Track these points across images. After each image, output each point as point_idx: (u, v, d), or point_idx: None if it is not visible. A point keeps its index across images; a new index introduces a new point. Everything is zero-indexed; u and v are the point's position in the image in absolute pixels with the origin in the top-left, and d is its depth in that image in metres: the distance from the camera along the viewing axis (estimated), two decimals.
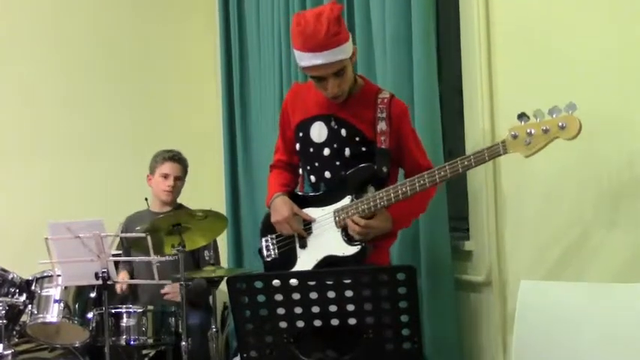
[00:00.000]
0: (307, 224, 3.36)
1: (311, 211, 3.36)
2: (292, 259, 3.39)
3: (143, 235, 3.89)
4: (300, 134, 3.43)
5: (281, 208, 3.39)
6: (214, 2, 6.07)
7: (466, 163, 2.90)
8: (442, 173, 2.97)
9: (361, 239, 3.18)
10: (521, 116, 2.76)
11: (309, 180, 3.47)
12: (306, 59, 3.14)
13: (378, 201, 3.13)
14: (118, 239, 4.31)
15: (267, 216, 3.52)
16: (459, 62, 3.66)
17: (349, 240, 3.23)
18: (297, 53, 3.18)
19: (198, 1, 6.26)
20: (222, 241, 5.48)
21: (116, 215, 4.80)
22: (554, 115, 2.69)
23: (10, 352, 4.05)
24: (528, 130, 2.74)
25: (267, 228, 3.50)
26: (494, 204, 3.43)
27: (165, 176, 4.99)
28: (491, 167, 3.42)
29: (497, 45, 3.40)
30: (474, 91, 3.50)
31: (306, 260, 3.34)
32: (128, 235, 4.24)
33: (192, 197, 5.14)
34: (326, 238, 3.29)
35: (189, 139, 5.97)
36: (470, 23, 3.53)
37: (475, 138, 3.50)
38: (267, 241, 3.50)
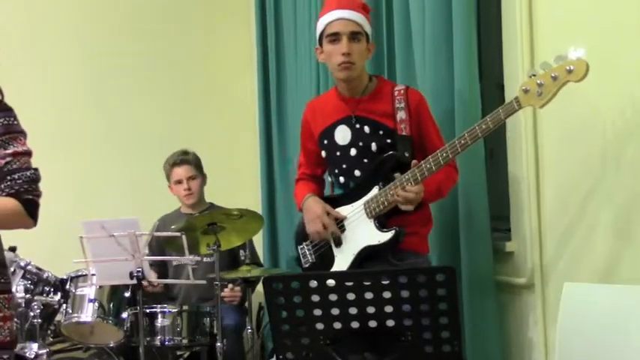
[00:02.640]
0: (339, 222, 3.41)
1: (341, 210, 3.42)
2: (330, 259, 3.44)
3: (178, 234, 3.86)
4: (325, 142, 3.52)
5: (314, 206, 3.48)
6: None
7: (484, 126, 2.96)
8: (462, 142, 3.02)
9: (409, 209, 3.19)
10: (531, 73, 2.83)
11: (338, 181, 3.54)
12: (329, 17, 3.37)
13: (404, 182, 3.16)
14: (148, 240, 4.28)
15: (300, 224, 3.61)
16: (500, 58, 3.59)
17: (382, 227, 3.29)
18: (320, 21, 3.42)
19: None
20: (258, 241, 5.46)
21: (150, 214, 4.78)
22: (560, 62, 2.73)
23: (44, 351, 4.04)
24: (538, 82, 2.79)
25: (302, 236, 3.58)
26: (536, 203, 3.37)
27: (179, 182, 4.95)
28: (533, 165, 3.36)
29: (540, 41, 3.33)
30: (516, 86, 3.40)
31: (343, 257, 3.39)
32: (164, 233, 4.22)
33: (228, 196, 5.12)
34: (359, 231, 3.35)
35: (224, 137, 5.96)
36: (512, 18, 3.46)
37: (517, 136, 3.42)
38: (302, 248, 3.59)
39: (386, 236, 3.27)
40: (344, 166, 3.46)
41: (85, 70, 5.75)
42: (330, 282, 2.51)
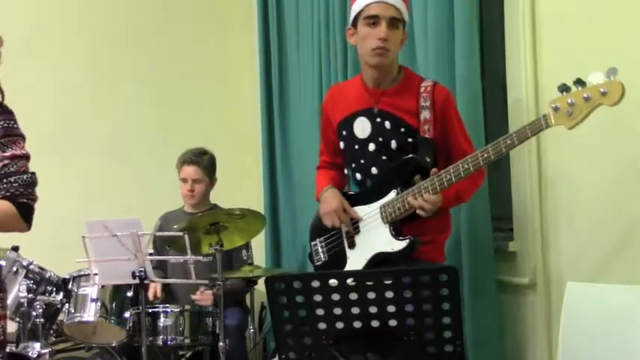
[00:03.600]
0: (355, 223, 3.34)
1: (357, 210, 3.34)
2: (342, 260, 3.38)
3: (180, 234, 3.86)
4: (344, 132, 3.42)
5: (331, 199, 3.38)
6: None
7: (509, 141, 2.85)
8: (485, 155, 2.92)
9: (428, 215, 3.10)
10: (563, 87, 2.70)
11: (355, 178, 3.45)
12: None
13: (422, 190, 3.08)
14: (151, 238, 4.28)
15: (316, 220, 3.52)
16: (503, 56, 3.59)
17: (397, 234, 3.20)
18: (357, 2, 3.27)
19: None
20: (260, 240, 5.46)
21: (152, 214, 4.78)
22: (595, 82, 2.61)
23: (47, 350, 4.03)
24: (569, 101, 2.67)
25: (316, 231, 3.52)
26: (538, 203, 3.37)
27: (184, 180, 4.91)
28: (535, 165, 3.36)
29: (543, 38, 3.33)
30: (519, 87, 3.43)
31: (355, 260, 3.33)
32: (166, 233, 4.22)
33: (230, 196, 5.11)
34: (374, 236, 3.27)
35: (226, 138, 5.95)
36: (515, 16, 3.46)
37: None
38: (315, 245, 3.52)
39: (400, 245, 3.18)
40: (362, 161, 3.36)
41: (89, 71, 5.75)
42: (333, 282, 2.49)
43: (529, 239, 3.42)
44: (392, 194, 3.22)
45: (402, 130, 3.26)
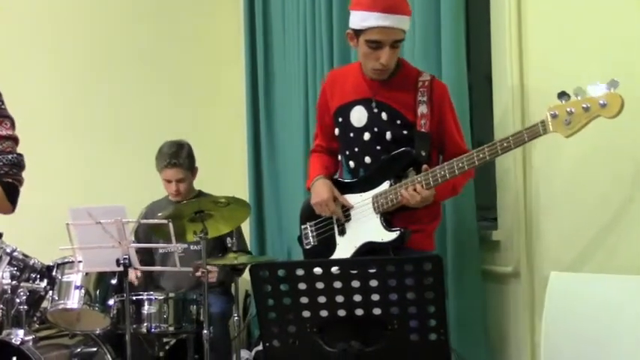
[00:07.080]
0: (346, 210, 3.36)
1: (349, 197, 3.35)
2: (331, 246, 3.40)
3: (165, 221, 3.85)
4: (340, 119, 3.43)
5: (321, 189, 3.39)
6: None
7: (505, 144, 2.87)
8: (481, 156, 2.95)
9: (416, 205, 3.13)
10: (562, 95, 2.70)
11: (348, 166, 3.46)
12: (372, 19, 3.13)
13: (416, 185, 3.09)
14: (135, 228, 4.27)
15: (307, 203, 3.53)
16: (488, 49, 3.59)
17: (388, 225, 3.22)
18: (359, 14, 3.18)
19: None
20: (245, 228, 5.46)
21: (139, 201, 4.77)
22: (595, 93, 2.62)
23: (30, 337, 4.01)
24: (568, 109, 2.68)
25: (307, 215, 3.52)
26: (523, 193, 3.38)
27: (168, 181, 4.89)
28: (520, 154, 3.37)
29: (529, 31, 3.34)
30: (504, 80, 3.44)
31: (345, 247, 3.35)
32: (150, 221, 4.21)
33: (215, 184, 5.10)
34: (365, 224, 3.29)
35: (212, 126, 5.95)
36: (500, 9, 3.45)
37: (505, 128, 3.43)
38: (305, 228, 3.53)
39: (390, 236, 3.21)
40: (355, 149, 3.37)
41: (74, 60, 5.73)
42: (317, 270, 2.50)
43: (513, 229, 3.44)
44: (385, 185, 3.24)
45: (398, 122, 3.27)
